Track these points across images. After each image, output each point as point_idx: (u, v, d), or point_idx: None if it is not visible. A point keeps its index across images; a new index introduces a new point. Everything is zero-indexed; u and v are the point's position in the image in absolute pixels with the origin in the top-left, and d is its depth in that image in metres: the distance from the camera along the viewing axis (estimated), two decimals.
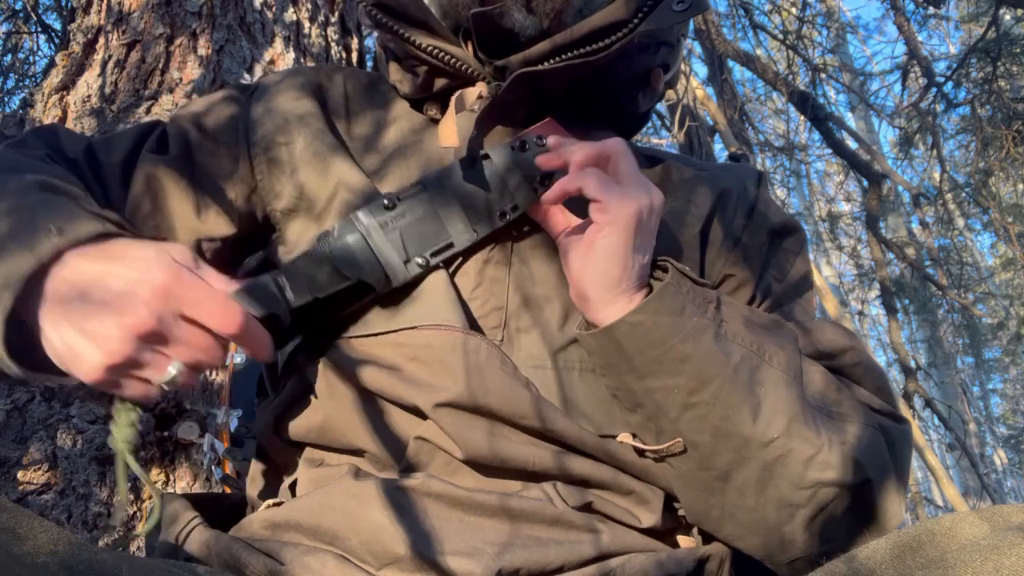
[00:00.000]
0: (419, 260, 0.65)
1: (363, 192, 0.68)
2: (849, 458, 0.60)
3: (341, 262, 0.64)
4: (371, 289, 0.65)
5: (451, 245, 0.66)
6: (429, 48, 0.70)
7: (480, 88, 0.72)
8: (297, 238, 0.71)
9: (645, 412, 0.62)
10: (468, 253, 0.68)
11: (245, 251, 0.77)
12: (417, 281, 0.66)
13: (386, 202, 0.65)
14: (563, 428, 0.62)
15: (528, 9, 0.69)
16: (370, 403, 0.64)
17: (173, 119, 0.77)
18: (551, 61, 0.68)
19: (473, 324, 0.65)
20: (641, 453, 0.64)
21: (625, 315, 0.59)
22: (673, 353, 0.59)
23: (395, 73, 0.77)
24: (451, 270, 0.67)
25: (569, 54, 0.68)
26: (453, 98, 0.73)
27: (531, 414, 0.61)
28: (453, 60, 0.71)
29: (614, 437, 0.64)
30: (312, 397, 0.66)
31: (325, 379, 0.66)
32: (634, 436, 0.65)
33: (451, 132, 0.73)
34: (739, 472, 0.60)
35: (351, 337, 0.66)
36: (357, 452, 0.65)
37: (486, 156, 0.68)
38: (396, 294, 0.66)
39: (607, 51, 0.68)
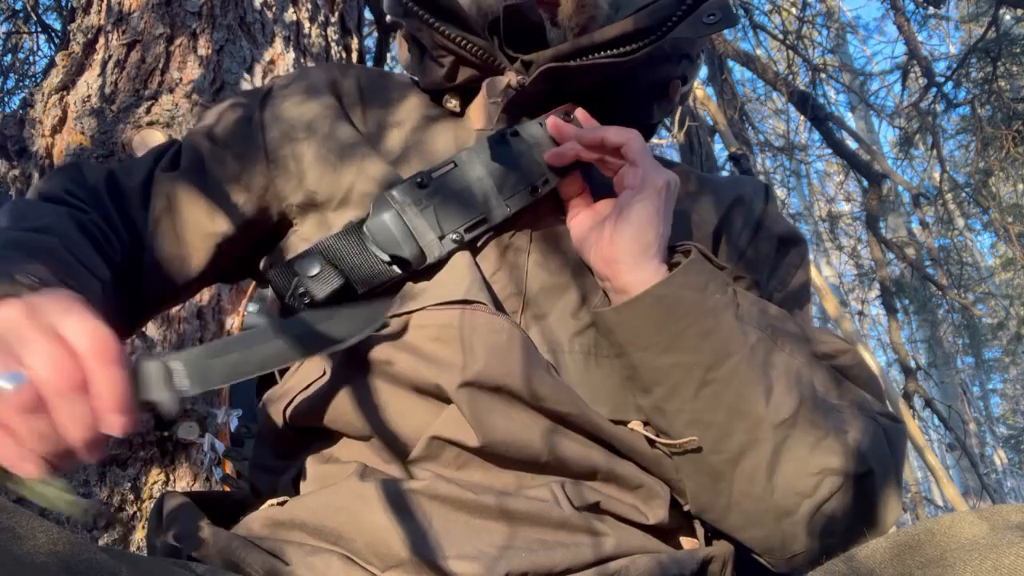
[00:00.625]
0: (453, 236, 0.66)
1: (385, 179, 0.69)
2: (853, 447, 0.61)
3: (378, 238, 0.65)
4: (406, 266, 0.65)
5: (484, 220, 0.67)
6: (458, 39, 0.71)
7: (510, 77, 0.73)
8: (312, 234, 0.72)
9: (662, 390, 0.62)
10: (493, 233, 0.68)
11: (262, 249, 0.78)
12: (446, 258, 0.66)
13: (419, 180, 0.67)
14: (581, 412, 0.62)
15: (553, 23, 0.71)
16: (385, 387, 0.64)
17: (187, 135, 0.79)
18: (580, 59, 0.69)
19: (498, 305, 0.65)
20: (652, 443, 0.64)
21: (652, 287, 0.61)
22: (696, 327, 0.61)
23: (416, 64, 0.78)
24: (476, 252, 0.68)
25: (598, 54, 0.69)
26: (485, 83, 0.74)
27: (552, 397, 0.61)
28: (480, 52, 0.72)
29: (626, 424, 0.65)
30: (326, 381, 0.66)
31: (341, 363, 0.65)
32: (645, 424, 0.65)
33: (480, 116, 0.75)
34: (749, 455, 0.61)
35: None
36: (366, 438, 0.65)
37: (515, 133, 0.69)
38: (420, 275, 0.67)
39: (637, 54, 0.69)
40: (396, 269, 0.66)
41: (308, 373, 0.68)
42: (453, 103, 0.77)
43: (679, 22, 0.69)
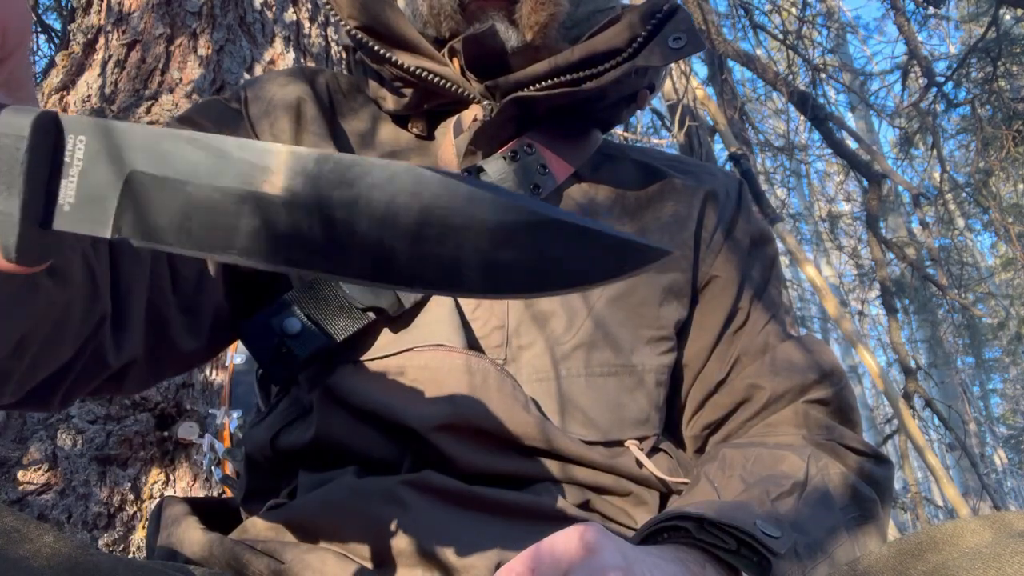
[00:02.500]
0: None
1: None
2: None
3: (353, 290, 0.64)
4: (383, 313, 0.65)
5: None
6: (417, 70, 0.70)
7: (475, 111, 0.72)
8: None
9: None
10: None
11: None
12: (424, 301, 0.66)
13: None
14: (563, 445, 0.62)
15: (511, 21, 0.70)
16: (368, 424, 0.64)
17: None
18: (543, 84, 0.68)
19: (475, 344, 0.65)
20: (641, 465, 0.65)
21: None
22: None
23: (376, 90, 0.76)
24: None
25: (561, 79, 0.68)
26: (451, 123, 0.73)
27: (530, 434, 0.61)
28: (443, 82, 0.70)
29: (621, 443, 0.65)
30: (309, 417, 0.66)
31: (323, 401, 0.65)
32: (640, 441, 0.65)
33: (451, 155, 0.72)
34: None
35: (353, 361, 0.65)
36: (355, 463, 0.65)
37: (480, 169, 0.69)
38: (400, 318, 0.66)
39: (598, 79, 0.68)
40: (372, 315, 0.65)
41: (289, 408, 0.68)
42: (418, 128, 0.75)
43: (645, 43, 0.68)
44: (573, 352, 0.66)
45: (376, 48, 0.70)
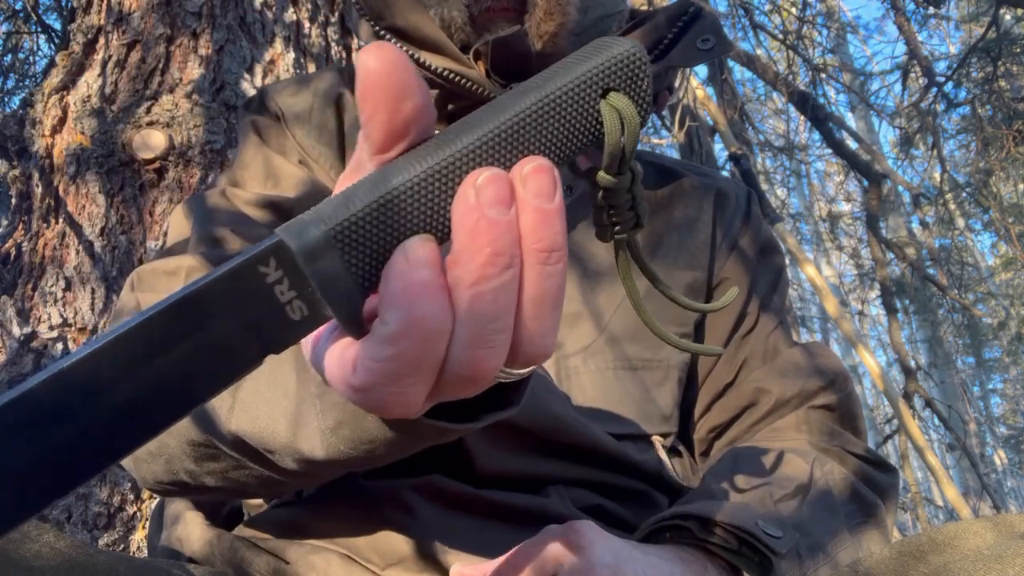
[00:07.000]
0: None
1: None
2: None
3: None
4: None
5: None
6: (444, 71, 0.69)
7: None
8: None
9: None
10: None
11: None
12: None
13: None
14: (592, 441, 0.62)
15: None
16: None
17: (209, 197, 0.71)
18: None
19: None
20: (662, 463, 0.65)
21: None
22: None
23: None
24: None
25: None
26: None
27: (559, 428, 0.61)
28: (468, 83, 0.70)
29: (647, 438, 0.65)
30: None
31: None
32: (664, 437, 0.65)
33: None
34: None
35: None
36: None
37: None
38: None
39: None
40: None
41: None
42: (440, 129, 0.75)
43: (671, 46, 0.69)
44: (603, 347, 0.66)
45: (403, 48, 0.70)
